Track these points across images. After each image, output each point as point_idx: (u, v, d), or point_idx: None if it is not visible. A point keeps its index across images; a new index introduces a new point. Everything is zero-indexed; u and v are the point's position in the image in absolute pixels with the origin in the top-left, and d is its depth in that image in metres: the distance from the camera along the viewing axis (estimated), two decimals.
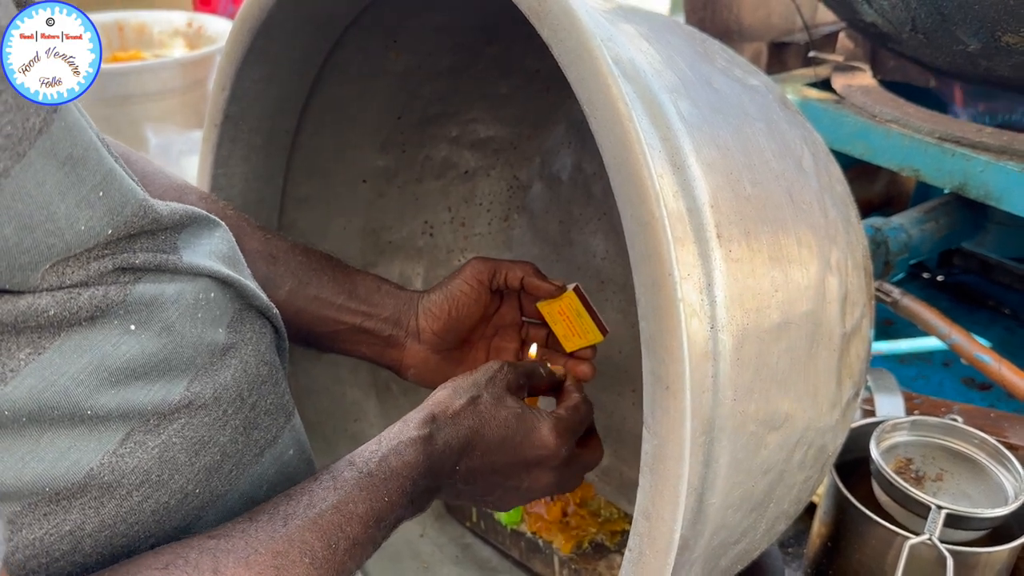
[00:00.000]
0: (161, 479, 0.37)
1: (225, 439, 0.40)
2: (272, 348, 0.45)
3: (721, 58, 0.53)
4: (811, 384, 0.47)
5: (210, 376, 0.39)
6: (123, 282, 0.36)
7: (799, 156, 0.49)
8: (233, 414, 0.41)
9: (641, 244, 0.35)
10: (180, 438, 0.38)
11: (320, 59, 0.63)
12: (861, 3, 0.70)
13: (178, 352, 0.38)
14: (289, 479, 0.45)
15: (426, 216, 0.81)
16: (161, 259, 0.38)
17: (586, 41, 0.37)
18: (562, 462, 0.48)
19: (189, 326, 0.39)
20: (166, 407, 0.37)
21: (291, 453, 0.46)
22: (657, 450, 0.36)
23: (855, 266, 0.51)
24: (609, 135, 0.36)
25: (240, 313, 0.42)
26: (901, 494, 0.59)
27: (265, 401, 0.43)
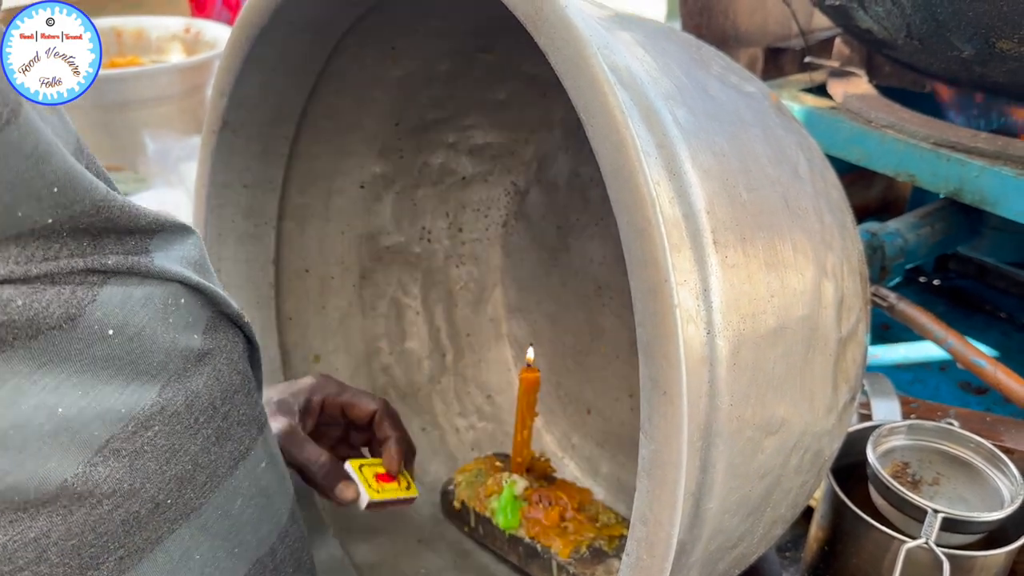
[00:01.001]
0: (132, 488, 0.36)
1: (196, 448, 0.39)
2: (245, 358, 0.44)
3: (717, 64, 0.53)
4: (807, 389, 0.47)
5: (182, 383, 0.39)
6: (91, 283, 0.36)
7: (795, 162, 0.50)
8: (205, 423, 0.40)
9: (638, 250, 0.35)
10: (151, 446, 0.37)
11: (318, 66, 0.63)
12: (857, 10, 0.71)
13: (149, 356, 0.37)
14: (263, 492, 0.44)
15: (424, 222, 0.81)
16: (132, 261, 0.37)
17: (582, 49, 0.37)
18: None
19: (161, 330, 0.38)
20: (140, 412, 0.36)
21: (263, 466, 0.44)
22: (654, 455, 0.36)
23: (851, 271, 0.51)
24: (605, 142, 0.36)
25: (213, 320, 0.42)
26: (897, 498, 0.59)
27: (238, 411, 0.42)
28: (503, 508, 0.68)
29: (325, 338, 0.77)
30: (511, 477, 0.70)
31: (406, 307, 0.82)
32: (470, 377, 0.85)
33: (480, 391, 0.85)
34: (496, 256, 0.85)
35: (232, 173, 0.66)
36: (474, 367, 0.85)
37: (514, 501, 0.68)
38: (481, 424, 0.84)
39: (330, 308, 0.77)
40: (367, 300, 0.79)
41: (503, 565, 0.71)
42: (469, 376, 0.85)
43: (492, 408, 0.85)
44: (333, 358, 0.77)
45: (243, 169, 0.66)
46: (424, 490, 0.78)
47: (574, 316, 0.81)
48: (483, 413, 0.84)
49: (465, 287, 0.85)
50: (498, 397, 0.85)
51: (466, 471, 0.74)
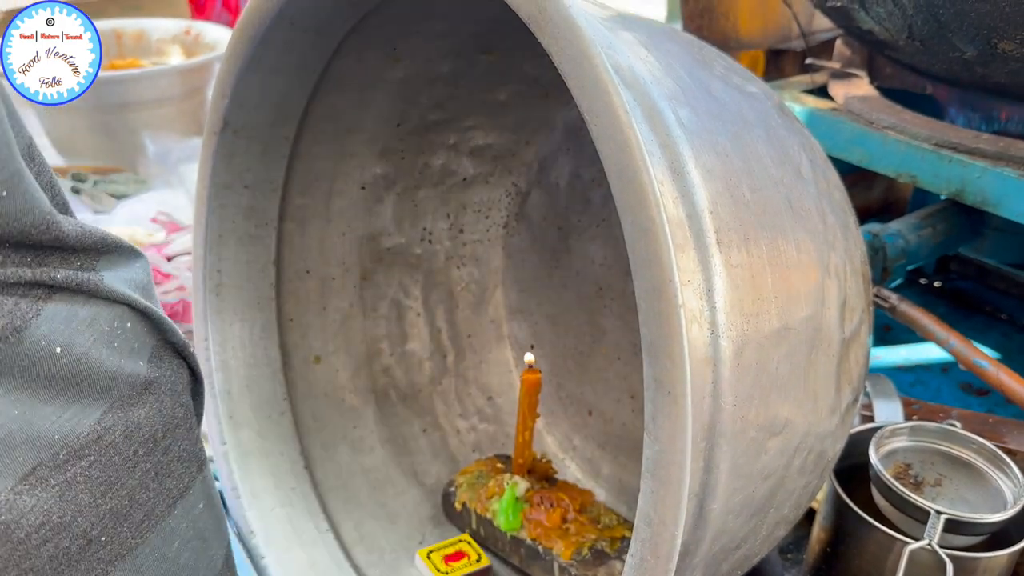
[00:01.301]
0: (63, 521, 0.34)
1: (134, 483, 0.37)
2: (188, 391, 0.42)
3: (719, 65, 0.53)
4: (811, 389, 0.47)
5: (124, 411, 0.36)
6: (36, 296, 0.34)
7: (797, 162, 0.49)
8: (144, 456, 0.38)
9: (642, 250, 0.35)
10: (85, 476, 0.35)
11: (319, 67, 0.63)
12: (858, 11, 0.71)
13: (93, 379, 0.35)
14: (199, 535, 0.42)
15: (425, 223, 0.81)
16: (81, 278, 0.35)
17: (586, 48, 0.37)
18: None
19: (106, 353, 0.36)
20: (75, 440, 0.34)
21: (201, 507, 0.42)
22: (659, 456, 0.36)
23: (853, 272, 0.51)
24: (609, 142, 0.36)
25: (158, 348, 0.40)
26: (900, 499, 0.59)
27: (179, 446, 0.40)
28: (504, 510, 0.68)
29: (326, 339, 0.77)
30: (512, 479, 0.70)
31: (407, 308, 0.82)
32: (471, 378, 0.85)
33: (481, 392, 0.85)
34: (497, 257, 0.85)
35: (233, 174, 0.66)
36: (475, 368, 0.85)
37: (515, 503, 0.68)
38: (482, 426, 0.84)
39: (331, 309, 0.77)
40: (368, 301, 0.79)
41: (505, 567, 0.70)
42: (470, 377, 0.85)
43: (493, 409, 0.85)
44: (334, 359, 0.77)
45: (244, 170, 0.66)
46: (425, 491, 0.78)
47: (575, 317, 0.81)
48: (484, 415, 0.84)
49: (466, 288, 0.84)
50: (499, 398, 0.85)
51: (467, 473, 0.74)
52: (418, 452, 0.79)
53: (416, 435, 0.80)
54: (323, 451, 0.74)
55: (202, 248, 0.68)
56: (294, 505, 0.70)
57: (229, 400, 0.70)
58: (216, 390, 0.70)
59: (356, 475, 0.75)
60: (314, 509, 0.71)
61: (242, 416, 0.70)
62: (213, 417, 0.69)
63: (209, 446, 0.70)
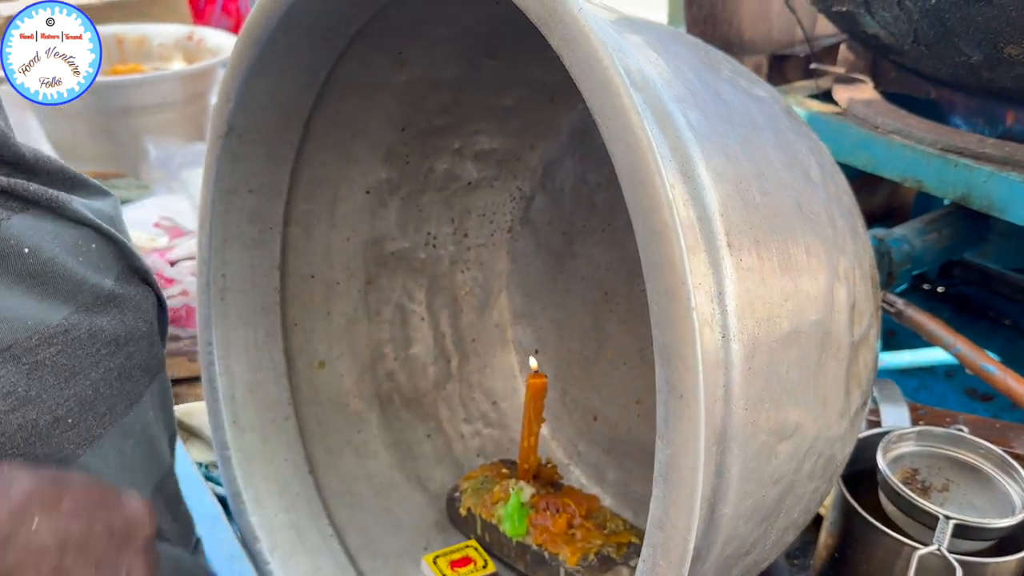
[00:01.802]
0: (28, 395, 0.37)
1: (97, 377, 0.41)
2: (153, 312, 0.46)
3: (726, 68, 0.53)
4: (820, 394, 0.46)
5: (88, 315, 0.41)
6: (5, 204, 0.37)
7: (807, 166, 0.49)
8: (107, 356, 0.42)
9: (654, 253, 0.35)
10: (52, 362, 0.38)
11: (325, 71, 0.63)
12: (863, 15, 0.71)
13: (59, 282, 0.39)
14: (149, 440, 0.47)
15: (429, 227, 0.81)
16: (52, 195, 0.39)
17: (596, 51, 0.37)
18: None
19: (72, 263, 0.40)
20: (45, 328, 0.38)
21: (150, 415, 0.47)
22: (671, 459, 0.36)
23: (863, 276, 0.51)
24: (621, 145, 0.36)
25: (125, 272, 0.44)
26: (908, 504, 0.59)
27: (140, 356, 0.44)
28: (510, 515, 0.68)
29: (330, 344, 0.76)
30: (518, 484, 0.69)
31: (411, 312, 0.81)
32: (475, 383, 0.85)
33: (485, 397, 0.84)
34: (501, 261, 0.85)
35: (238, 178, 0.66)
36: (479, 373, 0.85)
37: (521, 508, 0.68)
38: (487, 430, 0.83)
39: (335, 314, 0.76)
40: (372, 306, 0.79)
41: (510, 572, 0.70)
42: (474, 382, 0.85)
43: (497, 414, 0.84)
44: (338, 364, 0.77)
45: (249, 175, 0.66)
46: (429, 497, 0.77)
47: (580, 322, 0.80)
48: (488, 419, 0.84)
49: (470, 292, 0.84)
50: (503, 403, 0.85)
51: (472, 478, 0.73)
52: (422, 457, 0.79)
53: (420, 440, 0.79)
54: (327, 456, 0.73)
55: (206, 253, 0.67)
56: (298, 511, 0.69)
57: (233, 405, 0.69)
58: (220, 395, 0.69)
59: (360, 480, 0.74)
60: (318, 515, 0.70)
61: (246, 421, 0.69)
62: (217, 422, 0.69)
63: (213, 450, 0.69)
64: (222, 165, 0.64)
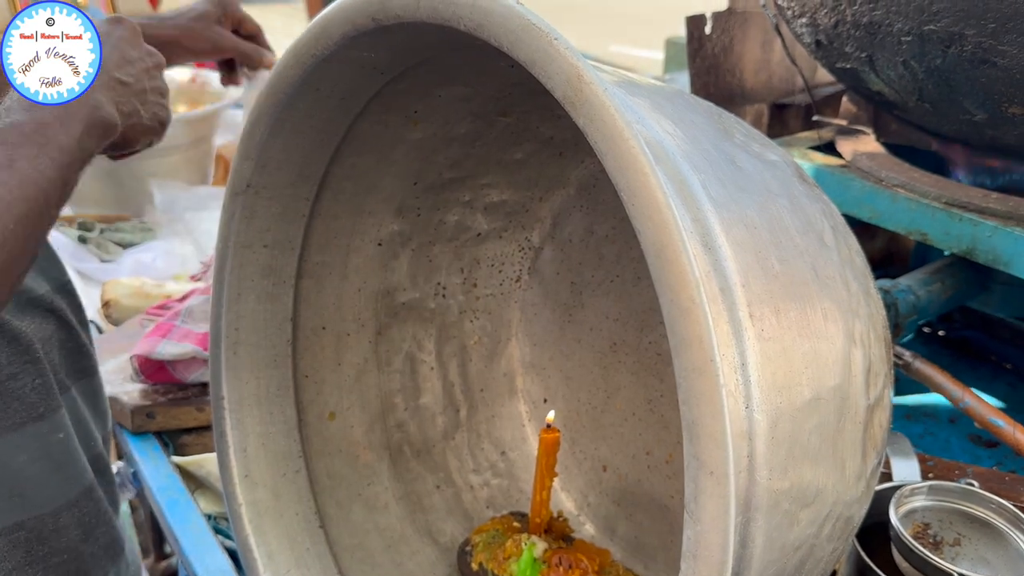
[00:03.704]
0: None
1: None
2: (53, 341, 0.58)
3: (739, 133, 0.54)
4: (839, 458, 0.47)
5: None
6: None
7: (820, 231, 0.50)
8: None
9: (682, 330, 0.36)
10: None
11: (342, 130, 0.64)
12: (868, 73, 0.72)
13: None
14: (51, 459, 0.58)
15: (439, 278, 0.81)
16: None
17: (622, 131, 0.38)
18: None
19: None
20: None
21: (60, 436, 0.59)
22: (700, 536, 0.36)
23: (877, 338, 0.52)
24: (647, 222, 0.37)
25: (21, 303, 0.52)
26: (922, 561, 0.59)
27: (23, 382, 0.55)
28: (523, 571, 0.67)
29: (340, 395, 0.76)
30: (530, 539, 0.69)
31: (421, 362, 0.82)
32: (484, 433, 0.85)
33: (494, 447, 0.85)
34: (510, 311, 0.85)
35: (253, 234, 0.66)
36: (487, 422, 0.85)
37: (534, 563, 0.67)
38: (495, 481, 0.83)
39: (346, 364, 0.77)
40: (382, 356, 0.79)
41: None
42: (483, 432, 0.85)
43: (506, 464, 0.85)
44: (348, 415, 0.77)
45: (264, 230, 0.67)
46: (440, 550, 0.77)
47: (589, 372, 0.81)
48: (497, 470, 0.84)
49: (479, 342, 0.85)
50: (512, 453, 0.85)
51: (483, 531, 0.73)
52: (432, 509, 0.79)
53: (430, 491, 0.79)
54: (338, 509, 0.73)
55: (221, 307, 0.68)
56: (309, 567, 0.69)
57: (245, 459, 0.69)
58: (232, 448, 0.69)
59: (371, 534, 0.74)
60: (329, 570, 0.70)
61: (257, 475, 0.69)
62: (228, 475, 0.69)
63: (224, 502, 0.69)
64: (238, 221, 0.65)
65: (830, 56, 0.77)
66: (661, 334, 0.74)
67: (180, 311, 0.89)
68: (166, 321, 0.89)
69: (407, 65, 0.59)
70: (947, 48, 0.63)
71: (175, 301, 0.92)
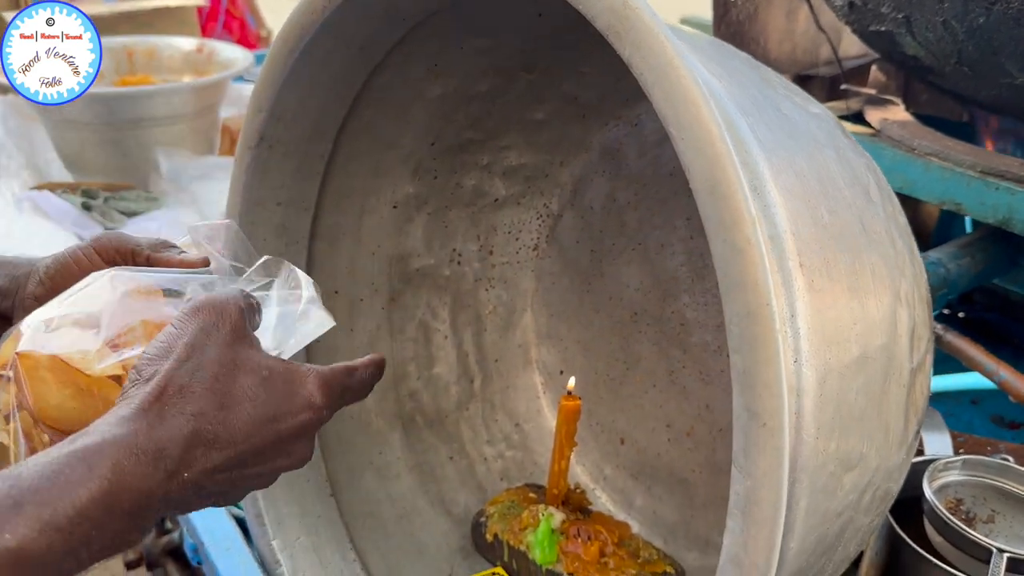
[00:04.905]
0: None
1: None
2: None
3: (780, 85, 0.52)
4: (883, 422, 0.45)
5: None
6: None
7: (866, 185, 0.48)
8: None
9: (735, 272, 0.33)
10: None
11: (360, 82, 0.61)
12: (904, 35, 0.70)
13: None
14: None
15: (455, 244, 0.79)
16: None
17: (672, 59, 0.35)
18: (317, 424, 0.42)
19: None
20: None
21: None
22: (751, 492, 0.34)
23: (920, 299, 0.50)
24: (699, 157, 0.34)
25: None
26: (958, 536, 0.57)
27: None
28: (540, 542, 0.65)
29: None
30: (548, 510, 0.67)
31: (435, 331, 0.79)
32: (498, 404, 0.83)
33: (508, 419, 0.82)
34: (527, 280, 0.83)
35: (266, 191, 0.64)
36: (502, 393, 0.83)
37: (551, 535, 0.65)
38: (510, 453, 0.81)
39: (358, 330, 0.74)
40: (396, 323, 0.77)
41: None
42: (497, 403, 0.83)
43: (520, 436, 0.82)
44: None
45: (278, 187, 0.64)
46: (453, 521, 0.75)
47: (607, 343, 0.79)
48: (511, 441, 0.82)
49: (494, 311, 0.82)
50: (526, 425, 0.83)
51: (498, 503, 0.71)
52: (445, 480, 0.77)
53: (443, 462, 0.77)
54: (349, 476, 0.71)
55: None
56: (320, 534, 0.67)
57: None
58: None
59: (383, 503, 0.72)
60: (341, 538, 0.68)
61: None
62: None
63: None
64: (251, 177, 0.63)
65: (863, 18, 0.74)
66: (685, 303, 0.72)
67: None
68: None
69: (430, 11, 0.56)
70: (992, 5, 0.60)
71: None
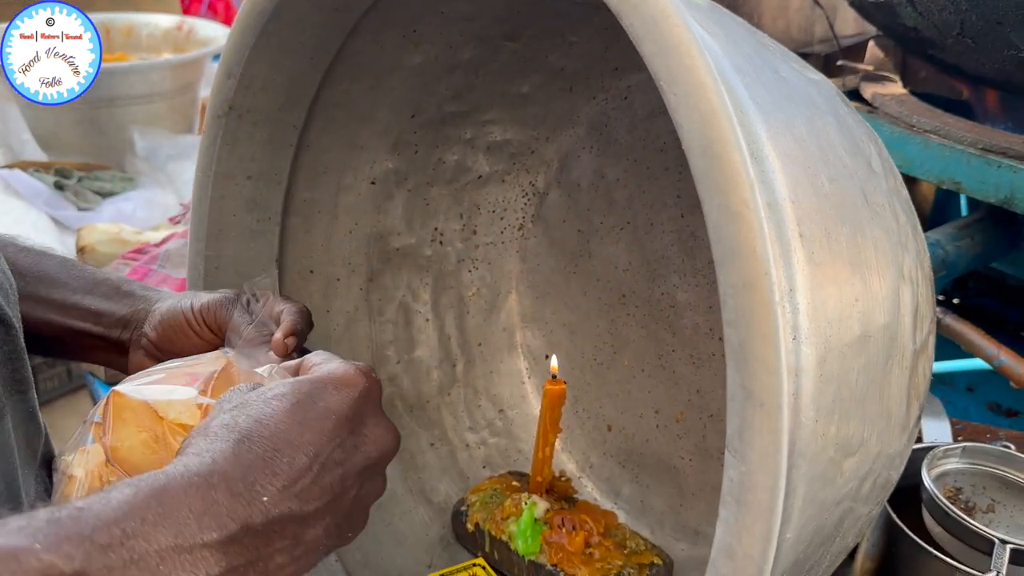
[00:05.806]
0: None
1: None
2: None
3: (777, 49, 0.49)
4: (885, 405, 0.42)
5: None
6: None
7: (868, 155, 0.45)
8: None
9: (731, 238, 0.31)
10: None
11: (334, 48, 0.58)
12: (904, 6, 0.67)
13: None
14: None
15: (436, 223, 0.76)
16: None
17: (665, 7, 0.32)
18: None
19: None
20: None
21: None
22: (746, 478, 0.31)
23: (924, 277, 0.47)
24: (692, 112, 0.31)
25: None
26: (959, 526, 0.55)
27: None
28: (523, 532, 0.63)
29: (329, 344, 0.71)
30: (531, 498, 0.64)
31: (415, 313, 0.76)
32: (481, 389, 0.80)
33: (492, 405, 0.80)
34: (511, 261, 0.80)
35: (235, 163, 0.61)
36: (485, 378, 0.80)
37: (535, 524, 0.63)
38: (493, 440, 0.78)
39: (335, 312, 0.72)
40: (374, 304, 0.74)
41: None
42: (480, 388, 0.80)
43: (504, 423, 0.80)
44: None
45: (248, 159, 0.61)
46: (433, 510, 0.72)
47: (594, 326, 0.76)
48: (494, 428, 0.79)
49: (477, 293, 0.79)
50: (510, 411, 0.80)
51: (480, 491, 0.68)
52: (426, 468, 0.74)
53: (424, 449, 0.74)
54: None
55: (200, 243, 0.62)
56: None
57: None
58: None
59: None
60: None
61: None
62: None
63: None
64: (220, 147, 0.59)
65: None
66: (675, 284, 0.69)
67: (158, 255, 0.84)
68: (142, 265, 0.84)
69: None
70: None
71: (152, 246, 0.87)
